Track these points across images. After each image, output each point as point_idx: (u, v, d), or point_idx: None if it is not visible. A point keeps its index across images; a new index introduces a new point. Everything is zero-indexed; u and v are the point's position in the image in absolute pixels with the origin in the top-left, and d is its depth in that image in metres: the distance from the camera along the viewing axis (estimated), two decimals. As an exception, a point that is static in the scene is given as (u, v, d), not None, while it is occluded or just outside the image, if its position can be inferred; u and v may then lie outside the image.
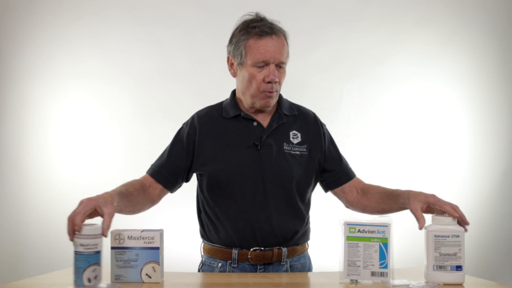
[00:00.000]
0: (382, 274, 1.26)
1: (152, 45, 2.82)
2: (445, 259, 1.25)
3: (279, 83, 1.50)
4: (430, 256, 1.25)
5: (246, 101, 1.55)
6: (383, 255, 1.26)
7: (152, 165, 1.62)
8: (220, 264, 1.53)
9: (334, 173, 1.61)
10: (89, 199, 1.21)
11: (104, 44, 2.81)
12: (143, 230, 1.30)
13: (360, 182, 1.64)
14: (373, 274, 1.26)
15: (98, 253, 1.18)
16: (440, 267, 1.25)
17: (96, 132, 2.81)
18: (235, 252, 1.51)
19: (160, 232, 1.30)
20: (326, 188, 1.66)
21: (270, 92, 1.49)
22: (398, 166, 2.83)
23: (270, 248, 1.50)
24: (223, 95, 1.66)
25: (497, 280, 1.82)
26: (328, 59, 2.84)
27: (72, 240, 1.18)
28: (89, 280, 1.17)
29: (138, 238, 1.28)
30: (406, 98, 2.86)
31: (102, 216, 1.20)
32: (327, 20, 2.84)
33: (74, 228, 1.17)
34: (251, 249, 1.50)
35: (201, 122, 1.58)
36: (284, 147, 1.53)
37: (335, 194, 1.65)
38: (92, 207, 1.19)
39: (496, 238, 2.88)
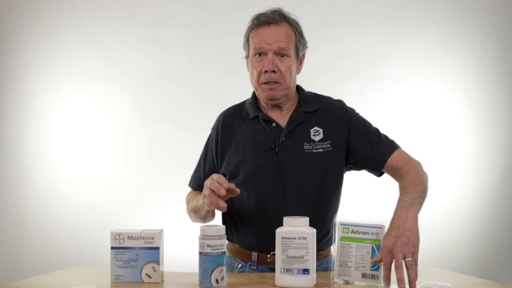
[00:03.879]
0: (373, 277, 1.23)
1: (152, 45, 2.82)
2: (292, 261, 1.20)
3: (281, 73, 1.44)
4: (278, 259, 1.21)
5: (258, 96, 1.54)
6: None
7: (192, 179, 1.63)
8: (240, 265, 1.52)
9: (369, 160, 1.50)
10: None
11: (104, 44, 2.81)
12: (143, 230, 1.30)
13: (399, 159, 1.47)
14: (364, 276, 1.24)
15: (223, 253, 1.20)
16: (287, 270, 1.21)
17: (96, 132, 2.81)
18: (254, 254, 1.49)
19: (160, 232, 1.30)
20: (375, 173, 1.54)
21: (269, 83, 1.45)
22: (398, 166, 2.83)
23: None
24: (223, 95, 1.66)
25: (497, 280, 1.82)
26: (328, 59, 2.84)
27: (224, 194, 1.27)
28: (216, 281, 1.19)
29: (138, 238, 1.28)
30: (406, 98, 2.86)
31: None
32: (327, 20, 2.84)
33: (220, 188, 1.26)
34: (271, 253, 1.47)
35: (224, 124, 1.57)
36: (305, 147, 1.48)
37: (388, 173, 1.52)
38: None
39: (496, 238, 2.88)
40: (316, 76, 2.84)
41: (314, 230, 1.22)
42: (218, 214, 1.61)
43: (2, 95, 2.82)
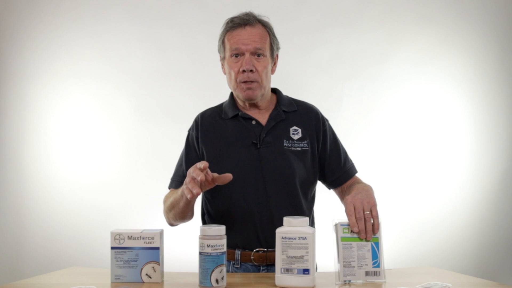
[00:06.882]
0: (375, 273, 1.25)
1: (152, 45, 2.82)
2: (292, 261, 1.21)
3: (258, 72, 1.48)
4: (278, 259, 1.22)
5: (236, 96, 1.57)
6: (375, 254, 1.25)
7: (174, 179, 1.61)
8: None
9: (335, 172, 1.59)
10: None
11: (104, 44, 2.81)
12: (143, 230, 1.30)
13: (356, 180, 1.61)
14: (367, 273, 1.25)
15: (224, 253, 1.21)
16: (287, 270, 1.21)
17: (96, 132, 2.81)
18: (238, 253, 1.50)
19: (160, 232, 1.30)
20: (328, 186, 1.64)
21: (247, 82, 1.48)
22: (398, 166, 2.83)
23: (273, 249, 1.48)
24: (223, 95, 1.66)
25: (497, 280, 1.82)
26: (328, 59, 2.84)
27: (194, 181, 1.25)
28: (216, 281, 1.19)
29: (138, 238, 1.28)
30: (406, 98, 2.86)
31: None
32: (327, 20, 2.85)
33: (199, 174, 1.24)
34: (254, 250, 1.49)
35: (203, 124, 1.59)
36: (284, 144, 1.52)
37: (335, 191, 1.64)
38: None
39: (496, 238, 2.88)
40: (316, 76, 2.84)
41: (314, 230, 1.23)
42: (197, 215, 1.61)
43: (2, 95, 2.82)
